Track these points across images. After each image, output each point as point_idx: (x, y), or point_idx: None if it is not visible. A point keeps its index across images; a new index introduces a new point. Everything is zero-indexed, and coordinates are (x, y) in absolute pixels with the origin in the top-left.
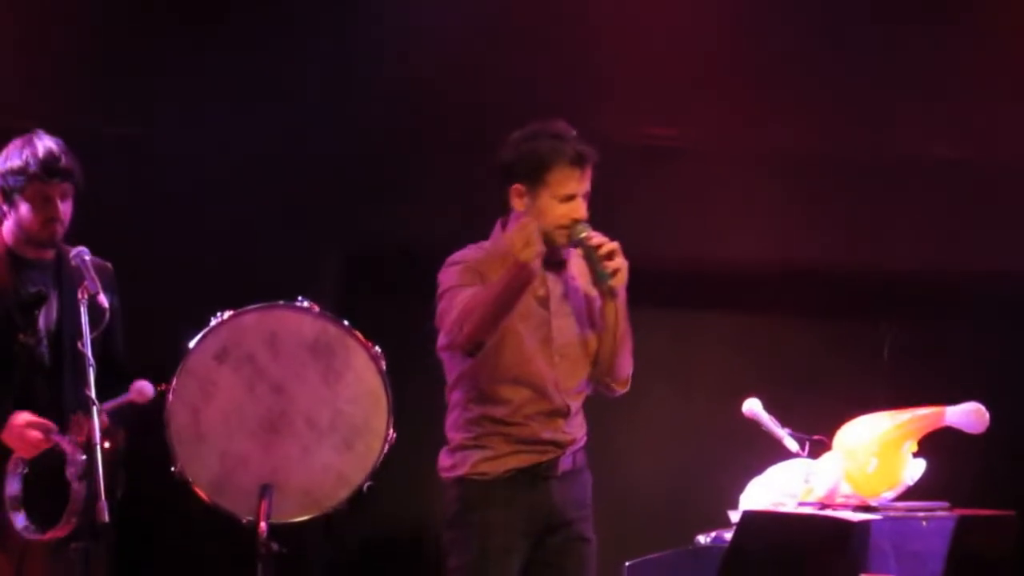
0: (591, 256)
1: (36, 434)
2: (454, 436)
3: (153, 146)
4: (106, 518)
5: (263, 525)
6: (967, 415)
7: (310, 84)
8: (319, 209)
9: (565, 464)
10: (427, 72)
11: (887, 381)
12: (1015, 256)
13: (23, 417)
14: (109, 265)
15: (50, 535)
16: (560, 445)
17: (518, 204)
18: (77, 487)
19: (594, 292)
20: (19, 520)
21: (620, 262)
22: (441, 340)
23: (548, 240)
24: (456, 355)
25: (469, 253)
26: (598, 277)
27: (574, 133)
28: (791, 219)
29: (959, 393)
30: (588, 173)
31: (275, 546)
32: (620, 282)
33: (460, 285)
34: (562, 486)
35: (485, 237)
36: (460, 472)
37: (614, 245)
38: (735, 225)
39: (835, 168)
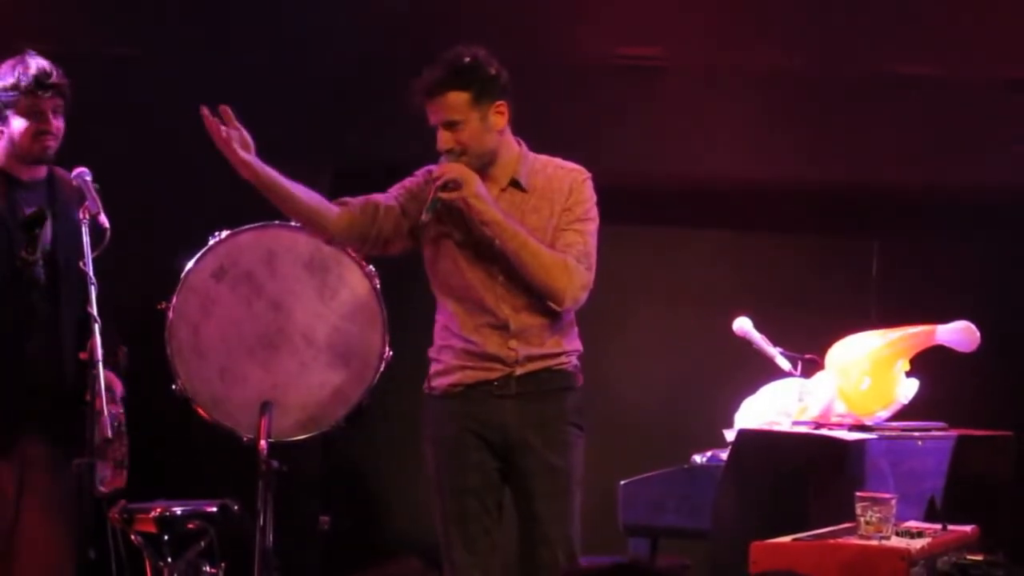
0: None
1: None
2: (429, 350)
3: (147, 67)
4: (108, 433)
5: (263, 443)
6: (958, 333)
7: (302, 6)
8: (310, 129)
9: (521, 384)
10: None
11: (876, 298)
12: (1002, 170)
13: None
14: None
15: (109, 487)
16: (506, 362)
17: None
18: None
19: (552, 214)
20: (105, 471)
21: (445, 178)
22: None
23: None
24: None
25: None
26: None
27: (453, 60)
28: (775, 136)
29: (950, 310)
30: (443, 102)
31: (275, 463)
32: (451, 197)
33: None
34: (519, 406)
35: None
36: (424, 387)
37: (445, 176)
38: (719, 143)
39: (820, 84)
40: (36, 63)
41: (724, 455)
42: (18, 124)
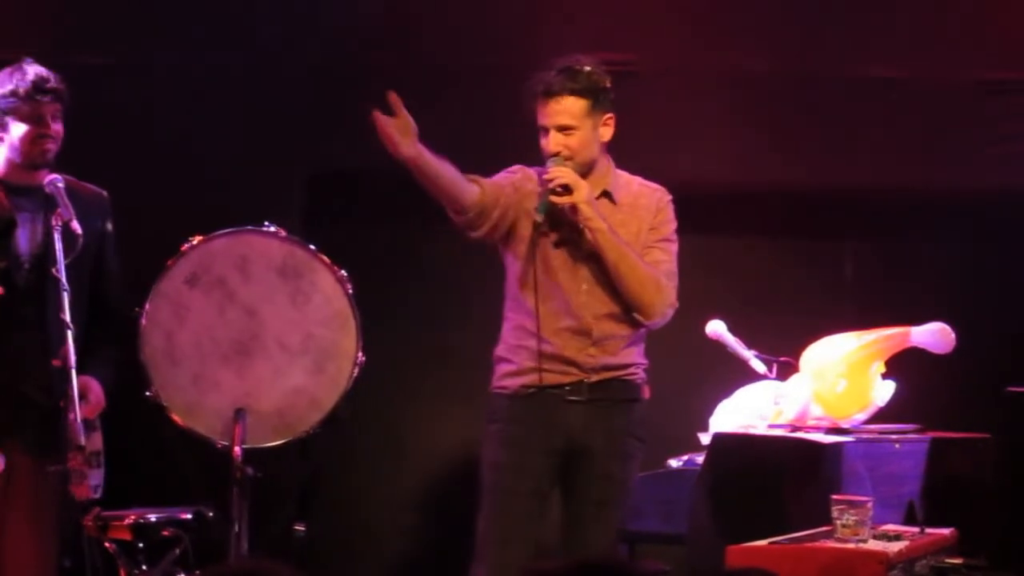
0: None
1: None
2: (497, 349)
3: (115, 74)
4: (82, 440)
5: (237, 449)
6: (933, 335)
7: (274, 8)
8: (284, 134)
9: (593, 391)
10: None
11: (851, 300)
12: (975, 172)
13: None
14: (104, 193)
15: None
16: (583, 368)
17: None
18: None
19: (640, 230)
20: (95, 477)
21: (559, 182)
22: None
23: None
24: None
25: (524, 167)
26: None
27: (574, 66)
28: (749, 139)
29: (925, 312)
30: (561, 106)
31: (250, 470)
32: (562, 201)
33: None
34: (588, 412)
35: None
36: (491, 385)
37: (558, 179)
38: (694, 147)
39: (793, 87)
40: (34, 70)
41: (700, 459)
42: (18, 129)
